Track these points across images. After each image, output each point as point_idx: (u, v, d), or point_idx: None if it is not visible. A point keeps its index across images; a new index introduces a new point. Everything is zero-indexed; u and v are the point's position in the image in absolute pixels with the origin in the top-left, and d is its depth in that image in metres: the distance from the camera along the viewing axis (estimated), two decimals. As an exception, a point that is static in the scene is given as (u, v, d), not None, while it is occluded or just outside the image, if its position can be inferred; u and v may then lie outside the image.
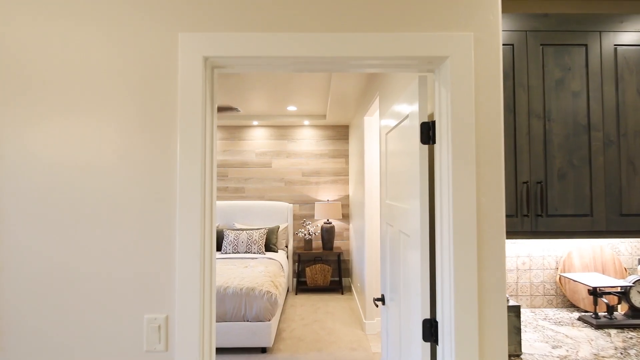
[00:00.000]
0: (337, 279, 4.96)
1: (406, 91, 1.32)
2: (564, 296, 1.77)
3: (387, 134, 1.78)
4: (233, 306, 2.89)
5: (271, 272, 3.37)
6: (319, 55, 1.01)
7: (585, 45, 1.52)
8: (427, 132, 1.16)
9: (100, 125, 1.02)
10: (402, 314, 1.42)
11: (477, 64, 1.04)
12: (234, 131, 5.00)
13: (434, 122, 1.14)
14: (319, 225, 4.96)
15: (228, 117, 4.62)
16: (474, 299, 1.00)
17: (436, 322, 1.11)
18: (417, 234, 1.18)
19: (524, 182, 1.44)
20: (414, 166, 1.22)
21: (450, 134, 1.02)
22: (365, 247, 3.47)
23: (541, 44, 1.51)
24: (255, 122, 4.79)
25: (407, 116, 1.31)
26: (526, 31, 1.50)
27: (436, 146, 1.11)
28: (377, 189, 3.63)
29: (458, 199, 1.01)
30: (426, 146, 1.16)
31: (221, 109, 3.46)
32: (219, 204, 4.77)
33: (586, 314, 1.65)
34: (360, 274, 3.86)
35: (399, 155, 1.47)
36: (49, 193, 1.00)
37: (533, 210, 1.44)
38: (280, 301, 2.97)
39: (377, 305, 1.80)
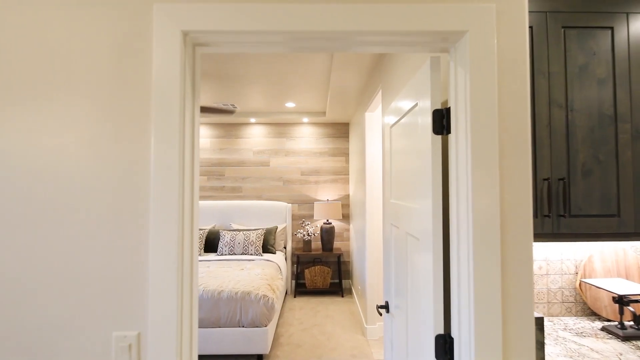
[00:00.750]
0: (337, 281, 4.82)
1: (415, 76, 1.18)
2: (584, 303, 1.63)
3: (391, 127, 1.64)
4: (228, 311, 2.75)
5: (268, 274, 3.23)
6: (318, 29, 0.87)
7: (612, 28, 1.38)
8: (441, 121, 1.02)
9: (61, 115, 0.87)
10: (409, 325, 1.27)
11: (500, 40, 0.90)
12: (231, 129, 4.85)
13: (448, 109, 1.00)
14: (318, 225, 4.82)
15: (224, 114, 4.47)
16: (497, 314, 0.86)
17: (451, 339, 0.96)
18: (428, 237, 1.04)
19: (544, 179, 1.30)
20: (424, 160, 1.08)
21: (469, 122, 0.88)
22: (367, 248, 3.33)
23: (563, 27, 1.36)
24: (252, 120, 4.65)
25: (415, 105, 1.17)
26: (546, 12, 1.36)
27: (451, 137, 0.97)
28: (379, 188, 3.49)
29: (478, 197, 0.87)
30: (439, 137, 1.02)
31: (216, 111, 3.32)
32: (215, 204, 4.63)
33: (610, 323, 1.51)
34: (361, 276, 3.72)
35: (406, 149, 1.33)
36: None
37: (555, 210, 1.30)
38: (278, 306, 2.83)
39: (380, 314, 1.66)
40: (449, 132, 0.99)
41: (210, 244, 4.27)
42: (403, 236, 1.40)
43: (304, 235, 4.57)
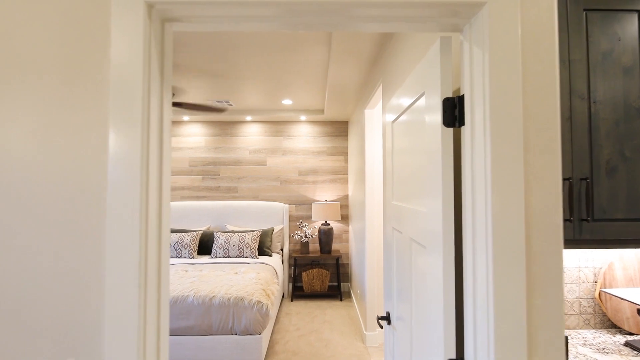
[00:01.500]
0: (335, 284, 4.68)
1: (422, 62, 1.04)
2: (604, 315, 1.50)
3: (393, 123, 1.50)
4: (220, 318, 2.61)
5: (263, 279, 3.09)
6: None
7: (638, 11, 1.24)
8: (452, 111, 0.88)
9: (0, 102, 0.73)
10: (414, 343, 1.13)
11: (524, 14, 0.76)
12: (226, 127, 4.71)
13: (461, 98, 0.86)
14: (316, 227, 4.68)
15: (215, 112, 4.33)
16: (521, 337, 0.72)
17: (465, 365, 0.83)
18: (436, 244, 0.91)
19: (565, 179, 1.16)
20: (432, 157, 0.94)
21: (488, 111, 0.75)
22: (366, 251, 3.19)
23: (584, 9, 1.22)
24: (248, 118, 4.51)
25: (422, 95, 1.03)
26: (567, -8, 1.22)
27: (465, 129, 0.83)
28: (379, 189, 3.35)
29: (499, 200, 0.73)
30: (450, 129, 0.88)
31: (206, 108, 3.18)
32: (210, 204, 4.49)
33: (634, 338, 1.37)
34: (360, 280, 3.59)
35: (411, 146, 1.19)
36: None
37: (577, 213, 1.16)
38: (273, 312, 2.69)
39: (381, 326, 1.52)
40: (461, 123, 0.85)
41: (204, 246, 4.12)
42: (406, 242, 1.26)
43: (301, 237, 4.43)
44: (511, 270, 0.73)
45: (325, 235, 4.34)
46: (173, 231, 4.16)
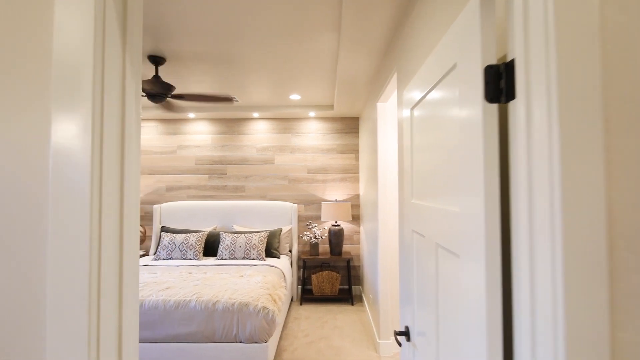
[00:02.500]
0: (346, 287, 4.49)
1: (453, 27, 0.84)
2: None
3: (412, 109, 1.31)
4: (223, 325, 2.45)
5: (270, 282, 2.92)
6: None
7: None
8: (496, 82, 0.68)
9: None
10: (443, 371, 0.94)
11: (604, -56, 0.56)
12: (233, 124, 4.57)
13: (509, 64, 0.66)
14: (326, 227, 4.50)
15: (226, 108, 4.19)
16: (602, 386, 0.53)
17: (518, 413, 0.63)
18: (475, 252, 0.71)
19: None
20: (468, 144, 0.75)
21: (554, 77, 0.55)
22: (379, 253, 2.99)
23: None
24: (255, 114, 4.35)
25: (452, 67, 0.84)
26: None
27: (515, 104, 0.64)
28: (393, 187, 3.15)
29: (572, 197, 0.54)
30: (494, 106, 0.69)
31: (212, 99, 3.01)
32: (217, 204, 4.35)
33: None
34: (372, 283, 3.39)
35: (437, 134, 1.00)
36: None
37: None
38: (279, 319, 2.53)
39: (399, 343, 1.33)
40: (510, 97, 0.66)
41: (210, 247, 3.99)
42: (431, 247, 1.07)
43: (310, 238, 4.25)
44: (588, 292, 0.53)
45: (336, 237, 4.16)
46: (178, 232, 4.04)
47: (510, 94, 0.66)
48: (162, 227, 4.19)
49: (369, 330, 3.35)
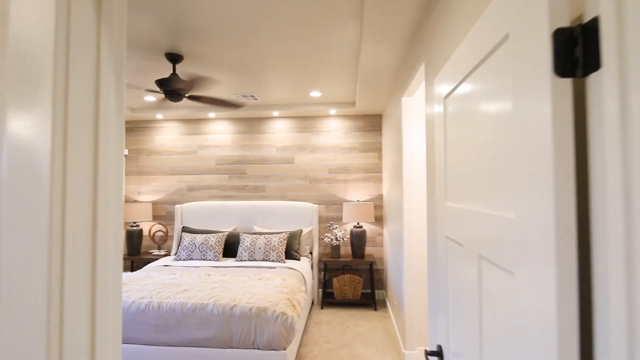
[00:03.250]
0: (369, 291, 4.31)
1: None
2: None
3: (446, 97, 1.15)
4: (241, 330, 2.37)
5: (289, 286, 2.81)
6: None
7: None
8: (568, 51, 0.52)
9: None
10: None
11: None
12: (253, 124, 4.51)
13: (588, 26, 0.50)
14: (347, 229, 4.35)
15: (246, 107, 4.13)
16: None
17: None
18: (539, 273, 0.55)
19: None
20: (530, 132, 0.59)
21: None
22: (404, 256, 2.82)
23: None
24: (275, 113, 4.27)
25: (504, 38, 0.68)
26: None
27: (600, 78, 0.48)
28: (419, 187, 2.96)
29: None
30: (567, 81, 0.53)
31: (227, 104, 2.96)
32: (237, 204, 4.31)
33: None
34: (397, 288, 3.21)
35: (480, 123, 0.84)
36: None
37: None
38: (299, 325, 2.41)
39: (432, 365, 1.16)
40: (591, 68, 0.50)
41: (230, 248, 3.94)
42: (472, 260, 0.90)
43: (331, 239, 4.12)
44: None
45: (358, 238, 4.00)
46: (199, 232, 4.02)
47: (591, 64, 0.50)
48: (183, 227, 4.19)
49: (394, 339, 3.17)
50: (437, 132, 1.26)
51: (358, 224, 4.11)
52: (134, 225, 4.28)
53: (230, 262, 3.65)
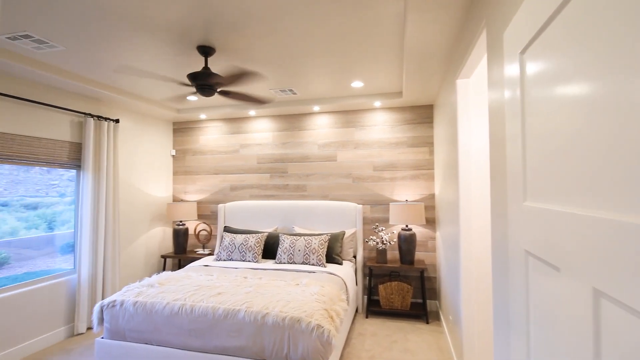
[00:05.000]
0: (420, 301, 3.90)
1: None
2: None
3: (523, 53, 0.80)
4: (273, 341, 2.17)
5: (327, 294, 2.56)
6: None
7: None
8: None
9: None
10: None
11: None
12: (293, 120, 4.35)
13: None
14: (395, 231, 3.97)
15: (286, 103, 3.97)
16: None
17: None
18: None
19: None
20: None
21: None
22: (461, 265, 2.41)
23: None
24: (316, 108, 4.05)
25: None
26: None
27: None
28: (478, 185, 2.53)
29: None
30: None
31: (254, 100, 2.81)
32: (278, 204, 4.17)
33: None
34: (453, 302, 2.79)
35: (592, 80, 0.50)
36: None
37: None
38: (338, 340, 2.15)
39: None
40: None
41: (270, 249, 3.80)
42: (581, 296, 0.57)
43: (377, 243, 3.78)
44: None
45: (406, 242, 3.61)
46: (239, 232, 3.95)
47: None
48: (225, 226, 4.16)
49: (449, 359, 2.76)
50: (510, 111, 0.91)
51: (407, 226, 3.72)
52: (180, 224, 4.35)
53: (269, 264, 3.51)
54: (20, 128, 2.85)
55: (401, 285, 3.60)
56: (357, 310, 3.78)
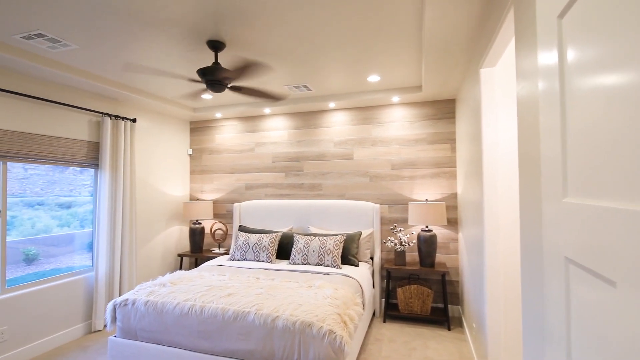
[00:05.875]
0: (441, 306, 3.70)
1: None
2: None
3: (562, 15, 0.66)
4: (283, 346, 2.07)
5: (341, 298, 2.44)
6: None
7: None
8: None
9: None
10: None
11: None
12: (308, 117, 4.25)
13: None
14: (414, 232, 3.79)
15: (301, 100, 3.88)
16: None
17: None
18: None
19: None
20: None
21: None
22: (485, 269, 2.23)
23: None
24: (331, 105, 3.93)
25: None
26: None
27: None
28: (505, 183, 2.34)
29: None
30: None
31: (267, 96, 2.72)
32: (293, 203, 4.08)
33: None
34: (477, 307, 2.60)
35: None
36: None
37: None
38: (350, 348, 2.02)
39: None
40: None
41: (284, 249, 3.72)
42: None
43: (395, 244, 3.62)
44: None
45: (426, 244, 3.43)
46: (254, 232, 3.89)
47: None
48: (239, 226, 4.12)
49: (472, 370, 2.57)
50: (549, 89, 0.76)
51: (427, 227, 3.54)
52: (197, 223, 4.36)
53: (282, 265, 3.42)
54: (40, 127, 2.91)
55: (421, 289, 3.42)
56: (374, 314, 3.63)
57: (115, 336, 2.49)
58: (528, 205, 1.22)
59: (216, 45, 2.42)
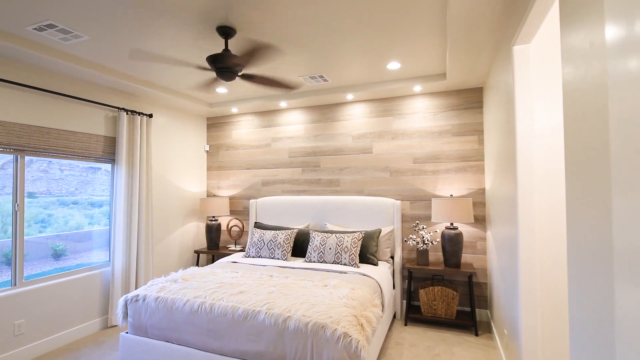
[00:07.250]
0: (467, 309, 3.45)
1: None
2: None
3: None
4: (295, 348, 1.94)
5: (358, 299, 2.27)
6: None
7: None
8: None
9: None
10: None
11: None
12: (326, 110, 4.10)
13: None
14: (438, 230, 3.56)
15: (318, 92, 3.73)
16: None
17: None
18: None
19: None
20: None
21: None
22: (519, 272, 2.00)
23: None
24: (349, 96, 3.76)
25: None
26: None
27: None
28: (543, 178, 2.10)
29: None
30: None
31: (280, 85, 2.59)
32: (310, 199, 3.94)
33: None
34: (509, 313, 2.36)
35: None
36: None
37: None
38: (367, 353, 1.85)
39: None
40: None
41: (299, 247, 3.59)
42: None
43: (417, 242, 3.41)
44: None
45: (451, 243, 3.20)
46: (269, 228, 3.78)
47: None
48: (255, 222, 4.03)
49: (504, 382, 2.34)
50: (625, 77, 0.57)
51: (452, 224, 3.30)
52: (213, 219, 4.31)
53: (298, 262, 3.29)
54: (56, 122, 2.92)
55: (445, 291, 3.19)
56: (394, 316, 3.44)
57: (127, 332, 2.45)
58: (584, 202, 1.01)
59: (226, 32, 2.31)
